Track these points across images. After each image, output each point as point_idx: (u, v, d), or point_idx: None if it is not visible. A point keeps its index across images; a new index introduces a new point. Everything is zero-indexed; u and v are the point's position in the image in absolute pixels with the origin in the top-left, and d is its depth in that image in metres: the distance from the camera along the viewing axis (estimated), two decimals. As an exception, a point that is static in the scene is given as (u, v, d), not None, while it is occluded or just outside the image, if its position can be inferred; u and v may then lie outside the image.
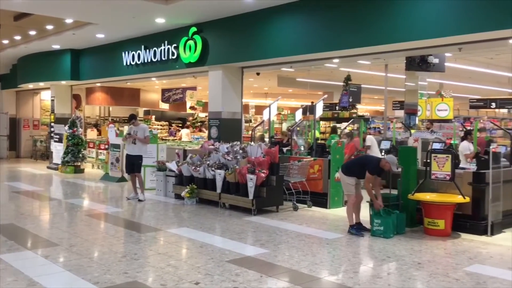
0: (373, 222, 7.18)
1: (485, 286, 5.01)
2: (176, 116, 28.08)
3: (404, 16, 7.63)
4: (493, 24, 6.57)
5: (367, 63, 14.26)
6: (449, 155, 7.43)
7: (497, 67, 18.06)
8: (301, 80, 21.85)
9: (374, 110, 35.39)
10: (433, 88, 19.78)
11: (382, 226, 7.06)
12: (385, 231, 7.04)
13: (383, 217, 7.08)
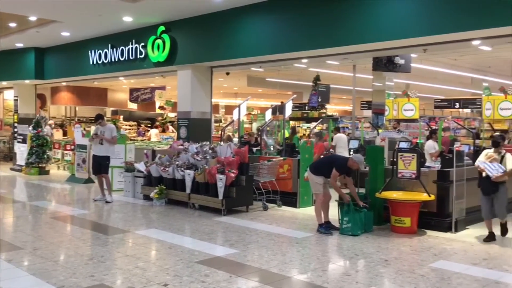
0: (342, 220, 7.26)
1: (449, 282, 5.14)
2: (145, 116, 27.76)
3: (372, 18, 7.75)
4: (456, 26, 6.75)
5: (336, 63, 14.45)
6: (415, 154, 7.59)
7: (460, 68, 18.58)
8: (270, 80, 21.94)
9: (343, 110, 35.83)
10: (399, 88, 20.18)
11: (350, 223, 7.16)
12: (353, 228, 7.13)
13: (351, 214, 7.18)
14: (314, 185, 7.53)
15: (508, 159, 6.84)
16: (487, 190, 6.93)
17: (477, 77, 20.54)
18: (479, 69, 19.36)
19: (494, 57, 16.06)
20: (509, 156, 6.86)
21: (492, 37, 7.21)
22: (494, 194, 6.89)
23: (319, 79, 16.54)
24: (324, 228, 7.32)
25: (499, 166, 6.79)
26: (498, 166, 6.79)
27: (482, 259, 5.99)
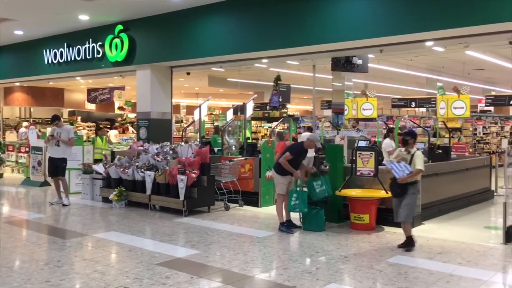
0: (291, 197, 7.38)
1: (406, 276, 5.28)
2: (104, 117, 27.19)
3: (330, 19, 7.87)
4: (410, 27, 6.95)
5: (296, 63, 14.61)
6: (373, 152, 7.77)
7: (416, 68, 19.16)
8: (231, 80, 21.95)
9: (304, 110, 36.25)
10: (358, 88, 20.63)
11: (298, 200, 7.31)
12: (301, 205, 7.30)
13: (299, 192, 7.34)
14: (279, 185, 7.54)
15: (417, 158, 6.36)
16: (395, 191, 6.49)
17: (432, 77, 21.24)
18: (433, 69, 20.02)
19: (447, 58, 16.65)
20: (419, 154, 6.42)
21: (443, 38, 7.47)
22: (402, 197, 6.39)
23: (280, 79, 16.64)
24: (285, 227, 7.38)
25: (405, 167, 6.29)
26: (405, 166, 6.29)
27: (437, 253, 6.19)
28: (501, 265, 5.82)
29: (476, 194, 10.22)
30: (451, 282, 5.06)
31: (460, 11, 6.43)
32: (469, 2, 6.31)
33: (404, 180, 6.30)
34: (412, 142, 6.53)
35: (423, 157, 6.51)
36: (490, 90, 25.55)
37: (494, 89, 26.27)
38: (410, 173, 6.26)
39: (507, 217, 6.76)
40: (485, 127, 19.27)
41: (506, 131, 21.06)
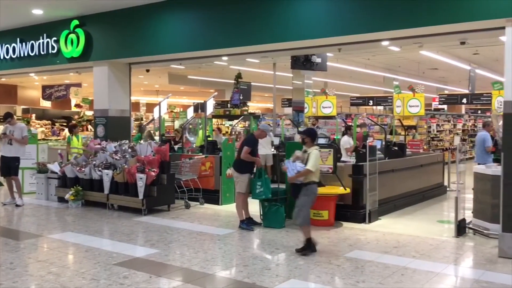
0: (255, 185, 7.39)
1: (363, 270, 5.41)
2: (60, 115, 26.41)
3: (290, 17, 7.93)
4: (367, 27, 7.09)
5: (256, 61, 14.67)
6: (331, 150, 7.89)
7: (373, 67, 19.59)
8: (192, 78, 21.80)
9: (265, 108, 36.44)
10: (318, 86, 20.89)
11: (262, 187, 7.34)
12: (265, 192, 7.35)
13: (263, 180, 7.40)
14: (238, 183, 7.55)
15: (310, 158, 6.01)
16: (292, 191, 6.28)
17: (389, 76, 21.77)
18: (390, 68, 20.53)
19: (403, 58, 17.11)
20: (314, 154, 6.05)
21: (398, 38, 7.67)
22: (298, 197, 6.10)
23: (241, 77, 16.66)
24: (245, 224, 7.41)
25: (297, 166, 6.00)
26: (299, 165, 6.00)
27: (393, 247, 6.36)
28: (453, 258, 6.05)
29: (430, 189, 10.57)
30: (405, 275, 5.22)
31: (414, 12, 6.62)
32: (423, 3, 6.50)
33: (292, 179, 6.07)
34: (309, 141, 6.22)
35: (318, 157, 6.14)
36: (444, 89, 26.41)
37: (447, 88, 27.17)
38: (297, 173, 5.99)
39: (458, 211, 7.02)
40: (438, 125, 19.94)
41: (458, 128, 21.88)
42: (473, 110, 28.19)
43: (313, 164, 5.97)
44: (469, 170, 8.19)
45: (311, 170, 5.96)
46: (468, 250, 6.42)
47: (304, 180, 6.04)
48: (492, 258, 5.87)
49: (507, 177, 5.97)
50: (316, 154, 6.08)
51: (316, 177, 6.14)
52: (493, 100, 14.28)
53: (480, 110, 28.06)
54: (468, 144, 21.03)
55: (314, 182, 6.11)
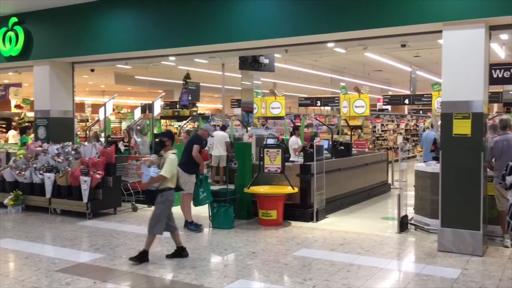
0: (198, 191, 7.34)
1: (310, 268, 5.49)
2: (-1, 116, 25.13)
3: (237, 17, 7.92)
4: (313, 28, 7.20)
5: (205, 62, 14.59)
6: (279, 150, 7.97)
7: (320, 68, 19.99)
8: (139, 78, 21.40)
9: (215, 108, 36.32)
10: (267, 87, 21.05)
11: (205, 193, 7.34)
12: (208, 197, 7.36)
13: (204, 185, 7.40)
14: (187, 184, 7.45)
15: (166, 163, 5.62)
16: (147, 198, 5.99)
17: (335, 77, 22.29)
18: (336, 69, 21.01)
19: (349, 59, 17.56)
20: (170, 159, 5.66)
21: (343, 40, 7.85)
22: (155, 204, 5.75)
23: (190, 78, 16.52)
24: (194, 226, 7.34)
25: (150, 171, 5.62)
26: (153, 171, 5.62)
27: (339, 245, 6.50)
28: (395, 253, 6.26)
29: (375, 187, 10.90)
30: (351, 271, 5.34)
31: (358, 15, 6.79)
32: (366, 6, 6.67)
33: (146, 185, 5.72)
34: (169, 144, 5.81)
35: (174, 162, 5.72)
36: (388, 90, 27.35)
37: (391, 89, 28.16)
38: (151, 179, 5.62)
39: (401, 208, 7.28)
40: (383, 125, 20.61)
41: (401, 128, 22.70)
42: (415, 111, 29.31)
43: (168, 170, 5.60)
44: (412, 168, 8.50)
45: (165, 176, 5.59)
46: (410, 245, 6.66)
47: (159, 186, 5.67)
48: (432, 252, 6.12)
49: (445, 174, 6.24)
50: (173, 159, 5.69)
51: (172, 183, 5.76)
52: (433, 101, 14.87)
53: (421, 110, 29.21)
54: (410, 143, 21.86)
55: (170, 188, 5.74)
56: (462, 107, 6.09)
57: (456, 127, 6.12)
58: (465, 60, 6.09)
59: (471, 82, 6.06)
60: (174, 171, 5.75)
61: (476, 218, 6.02)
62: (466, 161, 6.08)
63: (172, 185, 5.76)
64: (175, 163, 5.76)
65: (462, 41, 6.11)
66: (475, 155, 6.05)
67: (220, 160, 11.97)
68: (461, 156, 6.11)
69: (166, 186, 5.70)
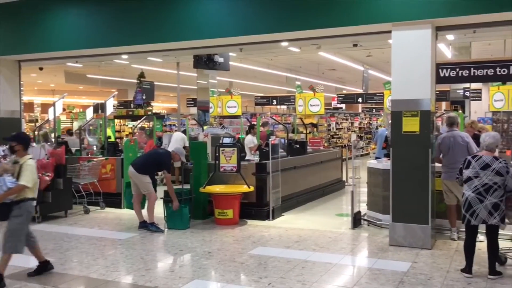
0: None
1: (266, 266, 5.52)
2: None
3: (191, 15, 7.84)
4: (267, 28, 7.22)
5: (159, 60, 14.36)
6: (235, 149, 7.96)
7: (276, 67, 20.12)
8: (91, 77, 20.83)
9: (171, 108, 35.90)
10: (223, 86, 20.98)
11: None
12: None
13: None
14: (143, 184, 7.32)
15: (25, 170, 4.91)
16: None
17: (291, 76, 22.50)
18: (292, 69, 21.22)
19: (304, 59, 17.77)
20: (29, 165, 4.96)
21: (297, 39, 7.92)
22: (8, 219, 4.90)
23: (144, 76, 16.19)
24: (155, 227, 7.23)
25: (4, 181, 4.85)
26: (9, 181, 4.87)
27: (295, 242, 6.56)
28: (349, 248, 6.38)
29: (330, 184, 11.08)
30: (305, 268, 5.41)
31: (311, 14, 6.87)
32: (319, 6, 6.76)
33: (1, 198, 4.81)
34: (20, 149, 5.05)
35: (34, 168, 5.04)
36: (342, 89, 27.87)
37: (345, 88, 28.71)
38: (8, 190, 4.83)
39: (354, 205, 7.43)
40: (337, 123, 20.99)
41: (355, 126, 23.21)
42: (368, 109, 30.03)
43: (29, 178, 4.88)
44: (366, 166, 8.68)
45: (27, 186, 4.88)
46: (362, 240, 6.81)
47: (16, 197, 4.89)
48: (384, 247, 6.29)
49: (395, 171, 6.42)
50: (31, 166, 4.97)
51: (32, 193, 5.00)
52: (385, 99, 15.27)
53: (374, 108, 29.96)
54: (364, 141, 22.38)
55: (29, 198, 4.97)
56: (410, 105, 6.28)
57: (405, 124, 6.31)
58: (413, 60, 6.29)
59: (419, 81, 6.27)
60: (36, 179, 5.05)
61: (425, 212, 6.23)
62: (415, 158, 6.28)
63: (32, 194, 5.00)
64: (35, 169, 5.05)
65: (410, 41, 6.31)
66: (423, 151, 6.25)
67: None
68: (410, 152, 6.31)
69: (25, 196, 4.92)
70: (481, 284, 4.85)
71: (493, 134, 5.37)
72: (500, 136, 7.31)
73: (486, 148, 5.15)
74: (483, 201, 4.96)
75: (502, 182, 4.96)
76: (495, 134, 5.38)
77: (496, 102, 13.08)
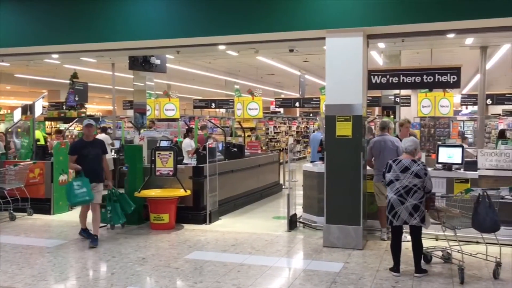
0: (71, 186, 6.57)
1: (201, 270, 5.46)
2: None
3: (126, 15, 7.64)
4: (204, 30, 7.17)
5: (93, 60, 13.91)
6: (172, 152, 7.85)
7: (215, 71, 20.06)
8: (20, 76, 19.80)
9: (107, 110, 34.86)
10: (161, 88, 20.67)
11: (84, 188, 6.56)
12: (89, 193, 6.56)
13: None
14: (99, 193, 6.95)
15: None
16: None
17: (230, 80, 22.53)
18: (231, 72, 21.25)
19: (242, 63, 17.84)
20: None
21: (234, 43, 7.92)
22: None
23: (77, 77, 15.60)
24: (87, 233, 6.93)
25: None
26: None
27: (231, 246, 6.55)
28: (284, 251, 6.46)
29: (267, 187, 11.19)
30: (241, 271, 5.41)
31: (248, 19, 6.91)
32: (256, 11, 6.81)
33: None
34: None
35: None
36: (280, 93, 28.29)
37: (284, 92, 29.17)
38: None
39: (290, 207, 7.54)
40: (276, 127, 21.25)
41: (293, 130, 23.61)
42: (306, 113, 30.67)
43: None
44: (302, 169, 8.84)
45: None
46: (298, 242, 6.92)
47: None
48: (318, 248, 6.42)
49: (329, 174, 6.58)
50: None
51: None
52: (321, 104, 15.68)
53: (312, 113, 30.64)
54: (301, 144, 22.81)
55: None
56: (344, 110, 6.47)
57: (338, 128, 6.49)
58: (346, 66, 6.49)
59: (351, 87, 6.47)
60: None
61: (357, 214, 6.43)
62: (348, 161, 6.47)
63: None
64: None
65: (343, 48, 6.50)
66: (355, 155, 6.46)
67: None
68: (343, 156, 6.49)
69: None
70: (407, 282, 5.07)
71: (412, 138, 5.66)
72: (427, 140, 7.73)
73: (406, 152, 5.40)
74: (404, 202, 5.19)
75: (421, 184, 5.21)
76: (413, 138, 5.69)
77: (423, 108, 13.78)
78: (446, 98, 13.54)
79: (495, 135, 19.90)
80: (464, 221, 5.25)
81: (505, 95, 17.37)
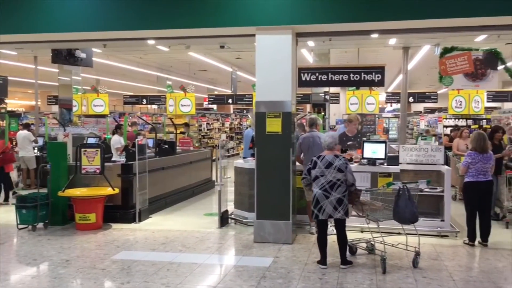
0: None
1: (129, 271, 5.32)
2: None
3: (49, 6, 7.25)
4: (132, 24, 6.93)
5: (13, 53, 13.13)
6: (99, 149, 7.57)
7: (146, 66, 19.62)
8: None
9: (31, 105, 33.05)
10: (89, 83, 19.89)
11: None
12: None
13: None
14: None
15: None
16: None
17: (162, 76, 22.12)
18: (163, 68, 20.87)
19: (174, 58, 17.59)
20: None
21: (164, 38, 7.76)
22: None
23: (-4, 70, 14.68)
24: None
25: None
26: None
27: (161, 244, 6.44)
28: (215, 248, 6.43)
29: (199, 184, 11.11)
30: (170, 270, 5.32)
31: (178, 14, 6.77)
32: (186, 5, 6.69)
33: None
34: None
35: None
36: (213, 90, 28.17)
37: (217, 89, 29.08)
38: None
39: (222, 204, 7.53)
40: (208, 123, 21.15)
41: (226, 127, 23.61)
42: (239, 110, 30.77)
43: None
44: (232, 165, 8.86)
45: None
46: (229, 239, 6.92)
47: None
48: (249, 244, 6.46)
49: (259, 170, 6.64)
50: None
51: None
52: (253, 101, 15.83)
53: (245, 110, 30.78)
54: (235, 141, 22.87)
55: None
56: (273, 107, 6.54)
57: (268, 125, 6.56)
58: (275, 63, 6.56)
59: (281, 84, 6.56)
60: None
61: (287, 209, 6.54)
62: (278, 157, 6.56)
63: None
64: None
65: (272, 45, 6.57)
66: (285, 151, 6.56)
67: (26, 161, 10.94)
68: (273, 152, 6.57)
69: None
70: (334, 274, 5.23)
71: (332, 134, 5.85)
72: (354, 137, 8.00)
73: (327, 148, 5.57)
74: (329, 197, 5.35)
75: (344, 178, 5.39)
76: (333, 134, 5.87)
77: (351, 106, 14.30)
78: (372, 96, 14.13)
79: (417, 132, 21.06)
80: (386, 214, 5.50)
81: (426, 94, 18.38)
